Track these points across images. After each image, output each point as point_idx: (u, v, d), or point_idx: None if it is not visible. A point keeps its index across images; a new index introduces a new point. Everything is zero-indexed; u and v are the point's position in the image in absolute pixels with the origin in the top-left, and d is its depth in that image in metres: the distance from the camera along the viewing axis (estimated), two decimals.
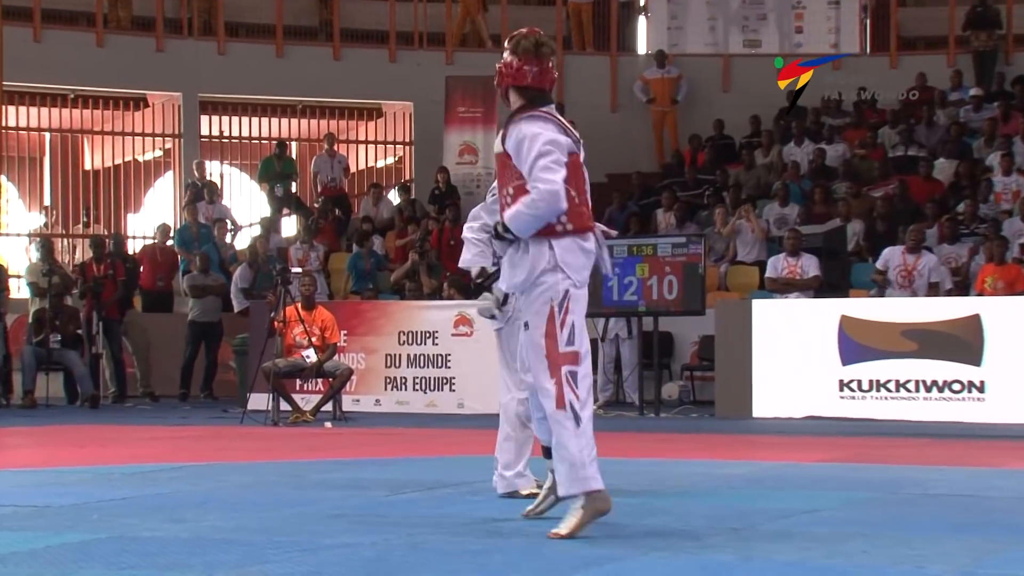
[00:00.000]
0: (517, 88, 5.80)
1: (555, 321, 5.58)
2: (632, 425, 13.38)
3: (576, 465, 5.55)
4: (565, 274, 5.62)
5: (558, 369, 5.57)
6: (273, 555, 5.21)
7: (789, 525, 6.04)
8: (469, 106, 22.00)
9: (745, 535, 5.75)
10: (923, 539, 5.59)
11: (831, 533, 5.79)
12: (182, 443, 11.40)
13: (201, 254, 18.44)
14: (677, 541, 5.56)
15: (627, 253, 14.31)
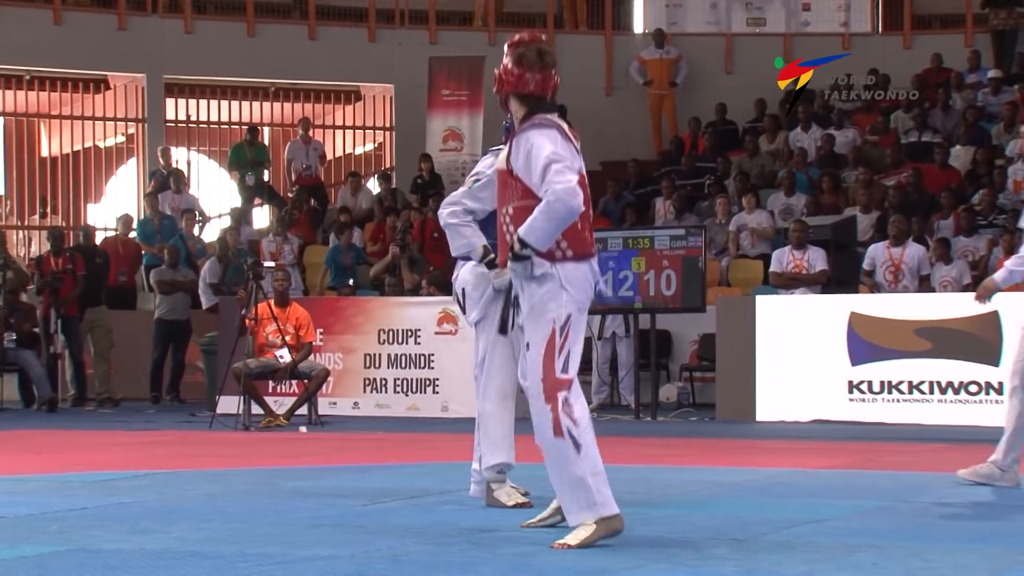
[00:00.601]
0: (518, 96, 5.92)
1: (555, 344, 5.71)
2: (628, 429, 13.40)
3: (588, 491, 5.64)
4: (570, 295, 5.75)
5: (554, 395, 5.70)
6: (244, 568, 5.22)
7: (794, 536, 6.06)
8: (454, 89, 22.01)
9: (748, 546, 5.77)
10: (937, 551, 5.62)
11: (839, 544, 5.81)
12: (147, 449, 11.40)
13: (170, 247, 18.43)
14: (675, 553, 5.58)
15: (623, 246, 14.33)
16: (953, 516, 6.80)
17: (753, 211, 18.36)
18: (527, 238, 5.67)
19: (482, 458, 7.07)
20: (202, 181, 24.01)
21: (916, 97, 21.40)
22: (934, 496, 7.56)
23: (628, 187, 20.86)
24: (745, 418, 13.77)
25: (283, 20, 23.70)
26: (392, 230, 19.30)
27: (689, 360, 16.76)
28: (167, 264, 18.19)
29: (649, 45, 23.37)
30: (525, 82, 5.88)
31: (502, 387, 6.93)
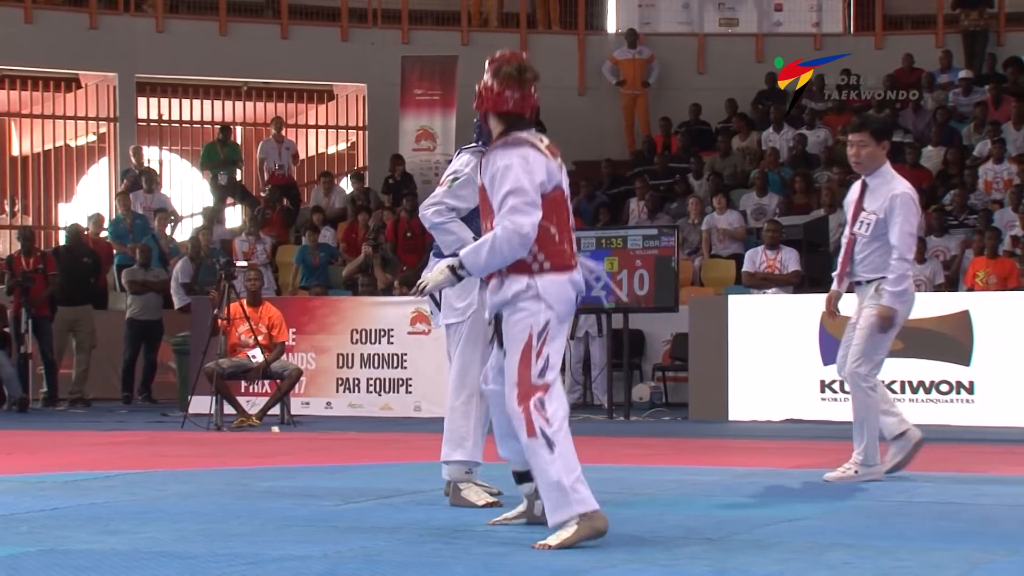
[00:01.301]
0: (497, 114, 5.97)
1: (532, 350, 5.74)
2: (601, 429, 13.41)
3: (562, 490, 5.64)
4: (547, 304, 5.78)
5: (527, 398, 5.72)
6: (216, 569, 5.20)
7: (767, 535, 6.07)
8: (426, 88, 21.99)
9: (720, 546, 5.77)
10: (909, 549, 5.63)
11: (811, 543, 5.82)
12: (118, 449, 11.36)
13: (142, 247, 18.38)
14: (648, 552, 5.58)
15: (596, 245, 14.33)
16: (925, 515, 6.82)
17: (724, 211, 18.39)
18: (466, 261, 5.76)
19: (442, 454, 7.06)
20: (174, 180, 23.95)
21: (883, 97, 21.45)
22: (906, 495, 7.58)
23: (601, 187, 20.88)
24: (718, 417, 13.79)
25: (255, 19, 23.65)
26: (365, 229, 19.27)
27: (662, 360, 16.78)
28: (139, 264, 18.13)
29: (622, 45, 23.40)
30: (504, 100, 5.93)
31: (472, 385, 6.93)
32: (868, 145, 8.27)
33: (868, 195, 8.31)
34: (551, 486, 5.65)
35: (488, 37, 23.70)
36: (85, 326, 17.52)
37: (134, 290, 17.86)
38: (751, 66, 23.12)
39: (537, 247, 5.73)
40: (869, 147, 8.27)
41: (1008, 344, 12.93)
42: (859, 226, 8.30)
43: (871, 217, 8.23)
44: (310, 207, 21.25)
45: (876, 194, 8.28)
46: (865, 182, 8.36)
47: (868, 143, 8.27)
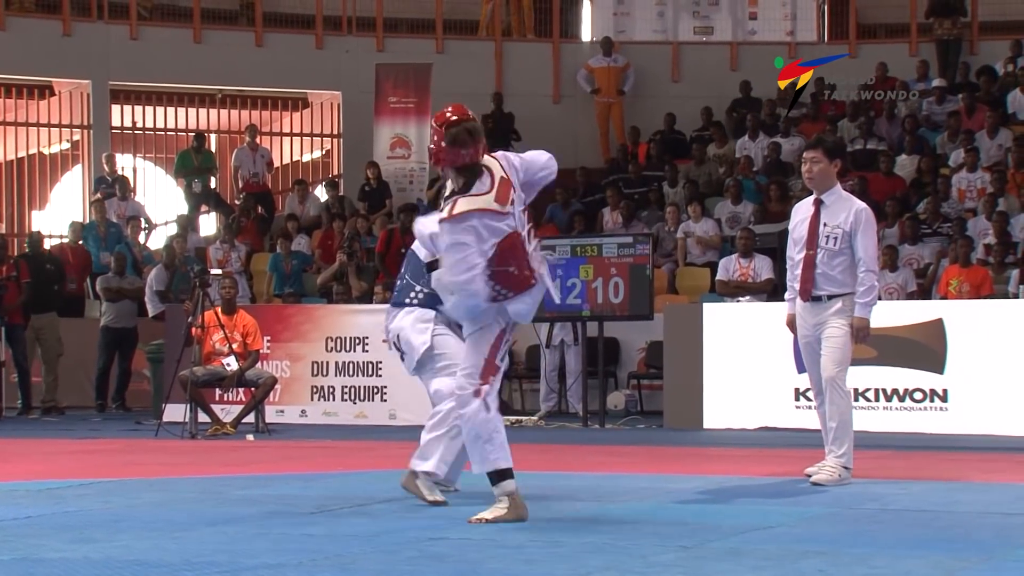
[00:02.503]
0: (455, 168, 6.84)
1: (501, 339, 6.83)
2: (575, 437, 13.42)
3: (483, 442, 6.70)
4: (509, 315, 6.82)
5: (489, 376, 6.78)
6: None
7: (741, 543, 6.09)
8: (401, 96, 21.98)
9: (695, 553, 5.79)
10: (883, 557, 5.65)
11: (786, 551, 5.84)
12: (92, 458, 11.32)
13: (117, 254, 18.33)
14: (622, 560, 5.59)
15: (570, 254, 14.35)
16: (899, 522, 6.85)
17: (700, 219, 18.43)
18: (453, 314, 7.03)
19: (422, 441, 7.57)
20: (148, 188, 23.88)
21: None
22: (879, 503, 7.61)
23: (576, 195, 20.89)
24: (693, 426, 13.81)
25: (230, 27, 23.60)
26: (340, 237, 19.25)
27: (637, 368, 16.79)
28: (113, 271, 18.08)
29: (597, 53, 23.43)
30: (460, 157, 6.78)
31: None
32: (820, 162, 8.59)
33: (825, 211, 8.59)
34: (476, 440, 6.70)
35: (462, 45, 23.74)
36: (50, 334, 17.44)
37: (108, 297, 17.80)
38: (726, 74, 23.18)
39: (501, 286, 6.67)
40: (821, 164, 8.59)
41: (981, 352, 12.99)
42: (825, 240, 8.51)
43: (837, 231, 8.51)
44: (284, 215, 21.21)
45: (835, 209, 8.59)
46: (821, 199, 8.63)
47: (820, 160, 8.59)
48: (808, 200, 8.77)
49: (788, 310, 8.83)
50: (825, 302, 8.52)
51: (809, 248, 8.55)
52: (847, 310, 8.49)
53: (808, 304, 8.59)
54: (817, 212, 8.60)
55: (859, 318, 8.46)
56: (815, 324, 8.58)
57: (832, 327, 8.50)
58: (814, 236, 8.56)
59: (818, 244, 8.53)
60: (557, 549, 5.73)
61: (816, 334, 8.58)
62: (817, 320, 8.56)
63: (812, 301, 8.56)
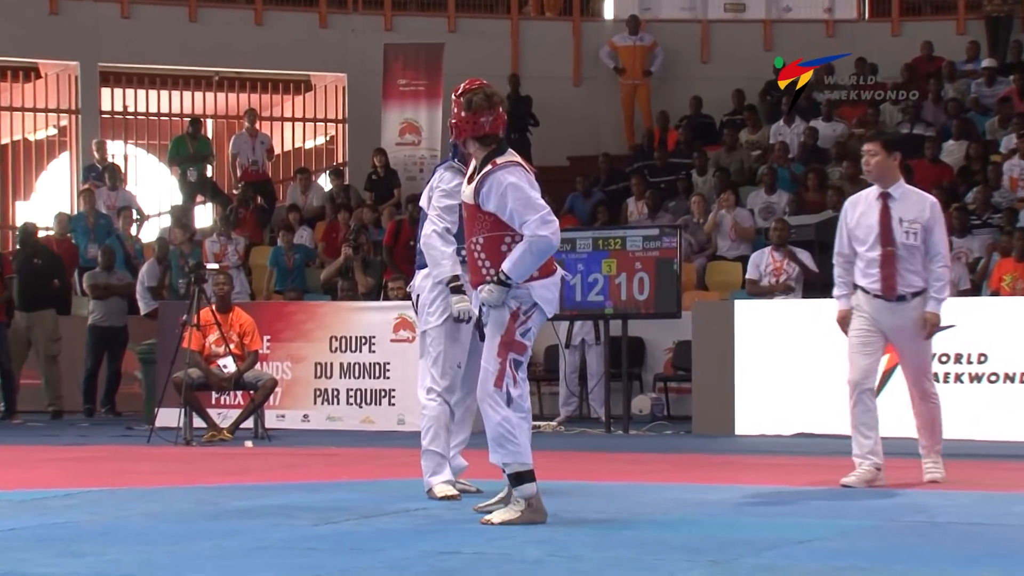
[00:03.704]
0: (476, 139, 7.20)
1: (518, 317, 6.98)
2: (598, 444, 13.41)
3: (505, 437, 6.88)
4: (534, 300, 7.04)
5: (506, 350, 6.93)
6: None
7: (776, 558, 6.07)
8: (411, 78, 21.99)
9: (726, 569, 5.77)
10: (930, 574, 5.63)
11: (825, 567, 5.82)
12: (80, 465, 11.34)
13: (105, 248, 18.36)
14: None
15: (592, 247, 14.34)
16: (946, 537, 6.82)
17: (733, 209, 18.41)
18: (512, 273, 6.96)
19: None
20: (140, 177, 23.92)
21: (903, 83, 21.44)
22: (925, 515, 7.59)
23: (598, 184, 20.88)
24: (724, 432, 13.79)
25: (227, 4, 23.66)
26: (345, 229, 19.27)
27: (663, 369, 16.79)
28: (101, 266, 18.11)
29: (622, 31, 23.38)
30: (480, 126, 7.17)
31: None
32: (878, 155, 8.90)
33: (896, 205, 8.87)
34: (499, 431, 6.86)
35: (476, 23, 23.74)
36: (42, 333, 17.46)
37: (96, 294, 17.83)
38: (759, 55, 23.13)
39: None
40: (879, 156, 8.90)
41: None
42: (905, 236, 8.83)
43: (915, 226, 8.83)
44: (286, 205, 21.24)
45: (907, 203, 8.89)
46: (889, 193, 8.89)
47: (878, 152, 8.90)
48: (867, 194, 8.98)
49: (841, 306, 9.04)
50: (909, 300, 8.85)
51: (886, 244, 8.84)
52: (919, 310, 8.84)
53: (888, 303, 8.86)
54: (886, 206, 8.86)
55: (933, 313, 8.83)
56: (894, 326, 8.86)
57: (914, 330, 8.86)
58: (889, 232, 8.85)
59: (894, 240, 8.78)
60: (577, 564, 5.71)
61: (892, 333, 8.88)
62: (899, 321, 8.86)
63: (897, 300, 8.84)
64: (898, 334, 8.90)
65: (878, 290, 8.88)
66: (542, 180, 7.88)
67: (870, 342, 8.88)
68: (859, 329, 8.92)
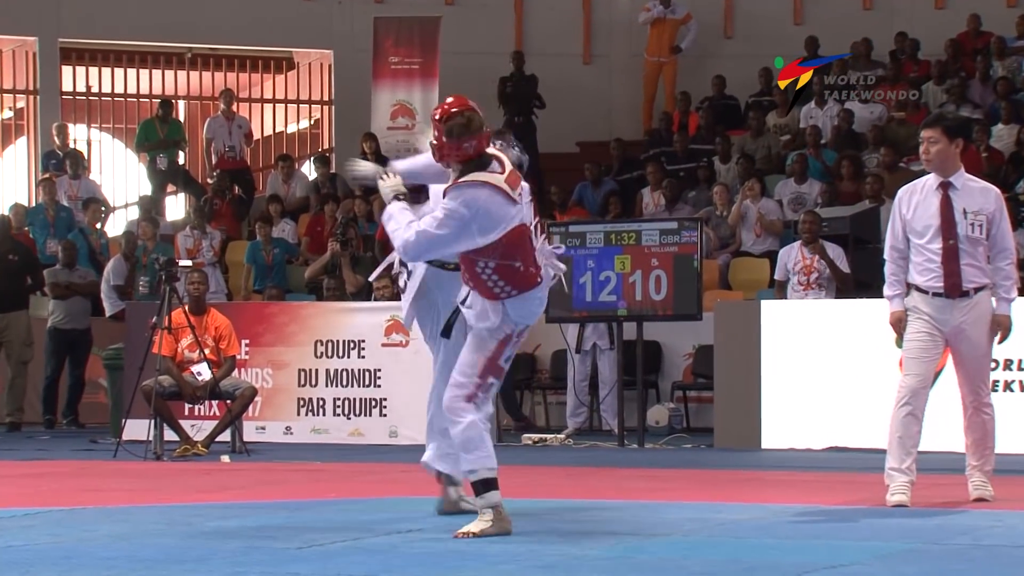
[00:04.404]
0: (459, 161, 7.55)
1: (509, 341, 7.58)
2: (611, 458, 13.42)
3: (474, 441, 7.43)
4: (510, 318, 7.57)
5: (487, 373, 7.54)
6: None
7: None
8: (404, 56, 22.01)
9: None
10: None
11: None
12: (40, 482, 11.35)
13: (67, 243, 18.36)
14: None
15: (604, 242, 14.34)
16: (993, 560, 6.83)
17: (759, 200, 18.42)
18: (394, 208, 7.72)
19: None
20: (105, 165, 23.94)
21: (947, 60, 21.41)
22: (970, 536, 7.60)
23: (610, 172, 20.89)
24: (749, 445, 13.80)
25: None
26: (332, 222, 19.28)
27: (682, 377, 16.79)
28: (62, 263, 18.11)
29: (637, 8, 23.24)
30: (464, 151, 7.52)
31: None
32: (939, 142, 8.91)
33: (958, 196, 8.91)
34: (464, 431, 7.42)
35: None
36: (13, 335, 17.47)
37: (56, 294, 17.84)
38: (788, 29, 23.13)
39: (505, 282, 7.47)
40: (940, 144, 8.91)
41: None
42: (970, 229, 8.87)
43: (980, 218, 8.88)
44: (266, 196, 21.25)
45: (970, 194, 8.94)
46: (950, 183, 8.93)
47: (939, 139, 8.91)
48: (924, 183, 9.01)
49: (894, 307, 9.05)
50: (972, 296, 8.87)
51: (949, 237, 8.87)
52: (990, 309, 8.89)
53: (950, 301, 8.88)
54: (947, 197, 8.90)
55: (1005, 316, 8.90)
56: (956, 326, 8.88)
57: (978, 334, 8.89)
58: (951, 224, 8.87)
59: (957, 233, 8.85)
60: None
61: (952, 335, 8.90)
62: (961, 319, 8.88)
63: (959, 297, 8.87)
64: (959, 335, 8.89)
65: (939, 288, 8.87)
66: (549, 167, 8.07)
67: (930, 346, 8.89)
68: (919, 332, 8.91)
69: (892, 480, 8.86)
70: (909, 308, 8.97)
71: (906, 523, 8.17)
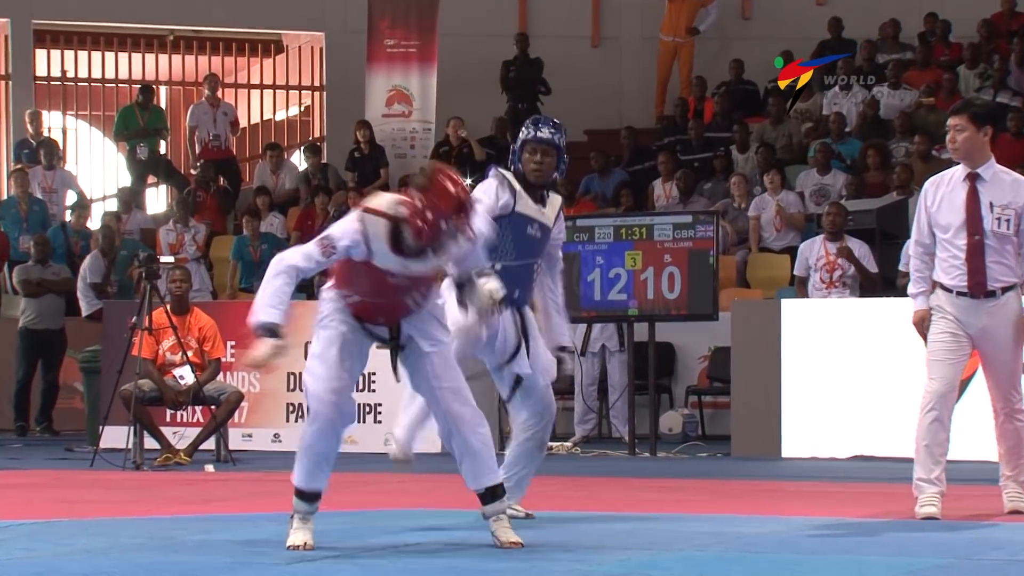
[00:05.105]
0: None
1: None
2: (621, 468, 13.42)
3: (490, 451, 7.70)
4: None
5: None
6: None
7: None
8: (400, 38, 22.02)
9: None
10: None
11: None
12: (12, 493, 11.35)
13: (39, 237, 18.36)
14: None
15: (613, 237, 14.34)
16: None
17: (779, 192, 18.42)
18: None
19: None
20: (81, 154, 23.95)
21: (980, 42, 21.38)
22: (1005, 552, 7.60)
23: (620, 162, 20.88)
24: (768, 454, 13.80)
25: None
26: (323, 216, 19.29)
27: (697, 381, 16.80)
28: (33, 259, 18.11)
29: None
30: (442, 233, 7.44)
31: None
32: (966, 130, 8.91)
33: (986, 188, 8.89)
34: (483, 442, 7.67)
35: None
36: None
37: (27, 292, 17.84)
38: (810, 9, 23.14)
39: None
40: (967, 132, 8.91)
41: None
42: (996, 224, 8.85)
43: (1008, 212, 8.86)
44: (253, 188, 21.26)
45: (998, 186, 8.92)
46: (978, 174, 8.91)
47: (966, 127, 8.91)
48: (951, 174, 9.00)
49: (918, 306, 9.05)
50: (999, 296, 8.87)
51: (975, 233, 8.86)
52: (1019, 310, 8.87)
53: (975, 301, 8.88)
54: (974, 189, 8.89)
55: None
56: (982, 328, 8.87)
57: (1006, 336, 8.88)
58: (977, 218, 8.86)
59: (983, 228, 8.84)
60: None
61: (978, 336, 8.89)
62: (988, 322, 8.86)
63: (985, 297, 8.87)
64: (986, 337, 8.89)
65: (963, 287, 8.87)
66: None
67: (954, 348, 8.88)
68: (942, 332, 8.91)
69: (921, 492, 8.85)
70: (933, 307, 8.97)
71: (937, 537, 8.17)
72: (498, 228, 8.32)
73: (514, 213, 8.49)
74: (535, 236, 8.55)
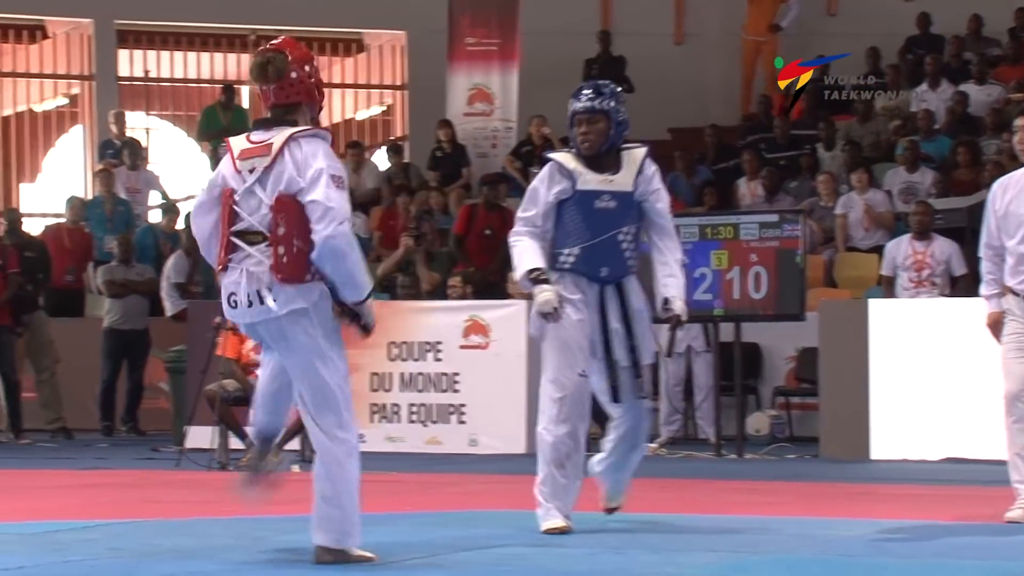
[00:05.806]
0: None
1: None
2: (707, 470, 13.39)
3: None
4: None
5: None
6: None
7: None
8: (481, 37, 22.02)
9: None
10: None
11: None
12: (98, 493, 11.44)
13: (122, 237, 18.44)
14: None
15: (699, 236, 14.31)
16: None
17: (867, 190, 18.32)
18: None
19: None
20: (165, 154, 24.07)
21: None
22: None
23: (704, 160, 20.82)
24: (857, 456, 13.73)
25: None
26: (405, 215, 19.32)
27: (785, 381, 16.73)
28: (118, 260, 18.21)
29: None
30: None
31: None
32: None
33: None
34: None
35: None
36: (36, 337, 17.52)
37: (112, 292, 17.94)
38: (897, 5, 22.98)
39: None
40: None
41: None
42: None
43: None
44: None
45: None
46: None
47: None
48: (1020, 175, 8.95)
49: (991, 308, 9.01)
50: None
51: None
52: None
53: None
54: None
55: None
56: None
57: None
58: None
59: None
60: None
61: None
62: None
63: None
64: None
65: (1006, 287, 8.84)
66: None
67: None
68: (1014, 333, 8.87)
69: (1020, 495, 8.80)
70: (1004, 310, 8.92)
71: None
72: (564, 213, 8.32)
73: (575, 192, 8.35)
74: (608, 207, 8.37)
